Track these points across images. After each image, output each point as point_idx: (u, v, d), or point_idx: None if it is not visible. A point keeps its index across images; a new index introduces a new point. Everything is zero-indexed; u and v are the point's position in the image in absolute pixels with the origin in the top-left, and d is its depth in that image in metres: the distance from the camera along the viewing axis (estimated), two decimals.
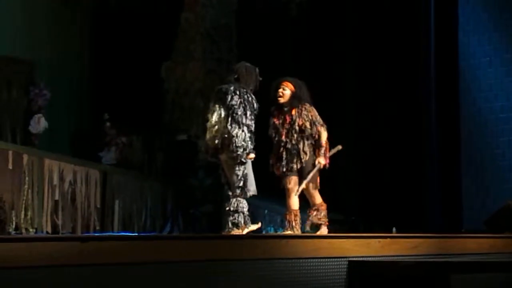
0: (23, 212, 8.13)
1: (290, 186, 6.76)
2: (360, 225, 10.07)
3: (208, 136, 6.62)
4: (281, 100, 6.78)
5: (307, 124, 6.69)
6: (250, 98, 6.50)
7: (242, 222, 6.51)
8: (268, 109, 6.96)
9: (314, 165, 6.71)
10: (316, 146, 6.75)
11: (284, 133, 6.75)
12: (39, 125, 9.53)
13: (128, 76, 11.49)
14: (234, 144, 6.41)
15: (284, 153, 6.74)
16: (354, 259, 5.50)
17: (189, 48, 11.91)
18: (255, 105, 6.53)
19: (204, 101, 11.92)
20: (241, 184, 6.51)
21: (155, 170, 11.05)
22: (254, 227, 6.63)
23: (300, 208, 6.81)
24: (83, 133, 11.06)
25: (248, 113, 6.46)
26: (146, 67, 11.57)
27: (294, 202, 6.77)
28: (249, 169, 6.56)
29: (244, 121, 6.44)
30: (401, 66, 11.75)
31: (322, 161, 6.72)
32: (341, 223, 9.61)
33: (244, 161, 6.49)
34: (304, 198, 6.92)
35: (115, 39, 11.73)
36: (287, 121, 6.74)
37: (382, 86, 11.99)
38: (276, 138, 6.80)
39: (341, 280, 5.39)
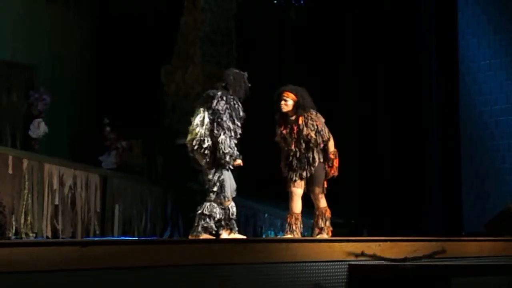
0: (23, 217, 8.13)
1: (294, 189, 6.79)
2: (364, 230, 10.06)
3: (188, 137, 6.61)
4: (285, 109, 6.82)
5: (312, 134, 6.75)
6: (236, 105, 6.51)
7: (214, 227, 6.49)
8: (267, 114, 6.98)
9: (324, 173, 6.82)
10: (324, 156, 6.83)
11: (293, 142, 6.79)
12: (39, 129, 9.54)
13: (128, 80, 11.49)
14: (220, 150, 6.40)
15: (294, 162, 6.78)
16: (355, 262, 5.49)
17: (188, 52, 11.90)
18: (241, 112, 6.53)
19: None
20: (215, 189, 6.50)
21: (155, 174, 11.03)
22: (239, 236, 6.62)
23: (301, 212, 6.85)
24: (83, 138, 11.06)
25: (235, 119, 6.46)
26: (146, 71, 11.57)
27: (297, 206, 6.81)
28: (226, 175, 6.53)
29: (230, 126, 6.43)
30: (401, 70, 11.75)
31: (335, 174, 6.87)
32: (341, 227, 9.60)
33: (231, 167, 6.48)
34: (306, 203, 6.93)
35: (115, 43, 11.74)
36: (295, 131, 6.79)
37: (382, 90, 11.99)
38: (286, 148, 6.84)
39: (342, 283, 5.38)
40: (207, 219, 6.46)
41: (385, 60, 11.90)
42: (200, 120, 6.51)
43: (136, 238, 9.15)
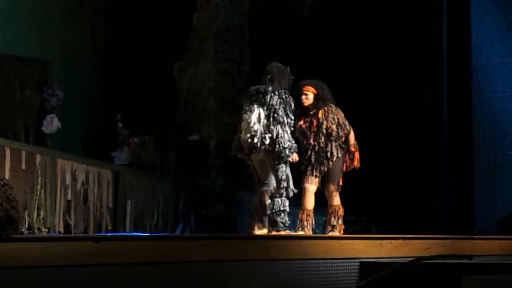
0: (35, 212, 8.15)
1: (307, 185, 6.79)
2: (372, 227, 10.04)
3: (244, 135, 6.55)
4: (306, 103, 6.82)
5: (334, 127, 6.75)
6: (288, 99, 6.55)
7: (288, 221, 6.57)
8: None
9: (340, 169, 6.83)
10: (344, 149, 6.84)
11: (312, 136, 6.79)
12: (52, 125, 9.57)
13: (141, 76, 11.52)
14: (280, 145, 6.42)
15: (313, 156, 6.77)
16: (366, 260, 5.49)
17: (201, 48, 11.93)
18: (292, 105, 6.57)
19: (217, 101, 11.95)
20: (285, 184, 6.53)
21: (167, 170, 11.06)
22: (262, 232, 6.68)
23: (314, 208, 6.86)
24: (96, 133, 11.10)
25: (288, 113, 6.50)
26: (159, 67, 11.59)
27: (309, 202, 6.81)
28: (288, 169, 6.59)
29: (286, 120, 6.46)
30: (414, 68, 11.72)
31: (357, 166, 6.92)
32: (353, 224, 9.59)
33: (290, 160, 6.52)
34: (319, 200, 6.93)
35: (128, 39, 11.77)
36: (314, 124, 6.79)
37: (394, 88, 11.96)
38: (304, 142, 6.83)
39: (353, 281, 5.38)
40: (282, 215, 6.53)
41: (397, 57, 11.87)
42: (257, 117, 6.51)
43: (148, 234, 9.18)
